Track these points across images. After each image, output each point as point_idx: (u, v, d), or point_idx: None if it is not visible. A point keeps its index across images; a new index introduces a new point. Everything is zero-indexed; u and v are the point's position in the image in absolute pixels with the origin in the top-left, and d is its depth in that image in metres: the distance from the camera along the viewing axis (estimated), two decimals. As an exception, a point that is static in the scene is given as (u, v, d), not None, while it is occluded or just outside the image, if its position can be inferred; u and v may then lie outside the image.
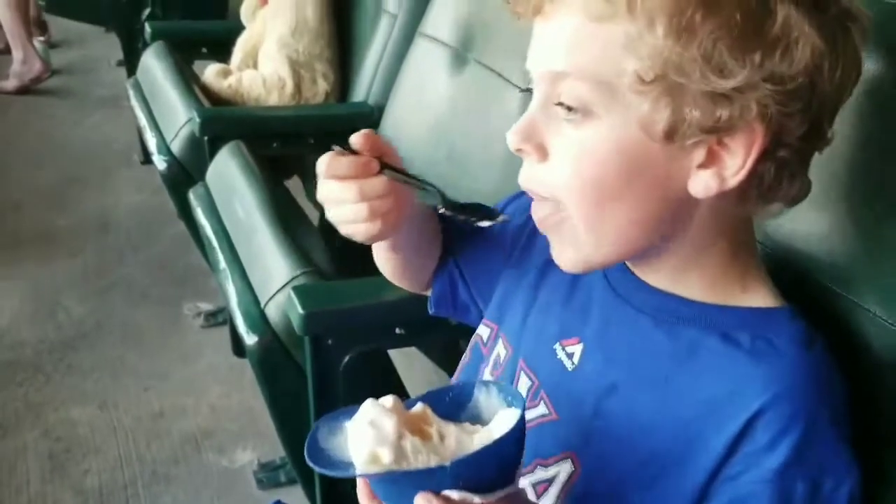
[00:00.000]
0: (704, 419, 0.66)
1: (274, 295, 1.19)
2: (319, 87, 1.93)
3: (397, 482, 0.60)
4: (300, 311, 1.05)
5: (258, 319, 1.20)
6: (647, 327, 0.71)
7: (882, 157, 0.71)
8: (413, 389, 1.38)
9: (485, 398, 0.66)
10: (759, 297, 0.70)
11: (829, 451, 0.63)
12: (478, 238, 0.90)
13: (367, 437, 0.60)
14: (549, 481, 0.72)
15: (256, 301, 1.23)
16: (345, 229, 0.77)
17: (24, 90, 3.60)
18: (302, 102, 1.93)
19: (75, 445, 1.78)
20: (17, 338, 2.10)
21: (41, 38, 3.92)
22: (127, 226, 2.67)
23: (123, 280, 2.38)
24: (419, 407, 0.64)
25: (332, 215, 0.77)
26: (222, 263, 1.36)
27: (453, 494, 0.59)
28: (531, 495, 0.72)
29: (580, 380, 0.74)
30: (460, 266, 0.92)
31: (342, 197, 0.74)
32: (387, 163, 0.73)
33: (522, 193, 0.75)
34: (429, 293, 0.95)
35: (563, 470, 0.71)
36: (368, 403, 0.62)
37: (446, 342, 1.35)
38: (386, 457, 0.59)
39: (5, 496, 1.65)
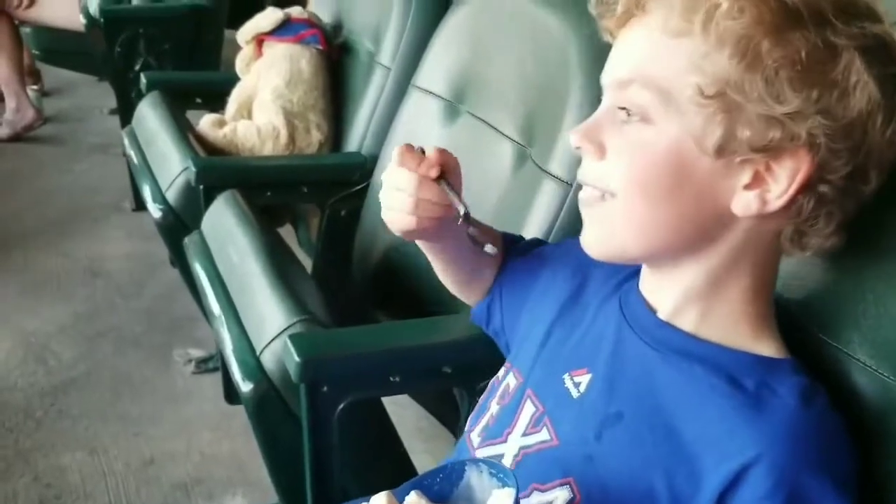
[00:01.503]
0: (705, 453, 0.68)
1: (270, 342, 1.21)
2: (313, 138, 1.97)
3: None
4: (297, 358, 1.07)
5: (253, 367, 1.21)
6: (655, 362, 0.74)
7: (874, 212, 0.73)
8: (403, 436, 1.39)
9: (477, 478, 0.68)
10: (767, 347, 0.73)
11: (827, 499, 0.65)
12: (525, 276, 0.95)
13: None
14: None
15: (252, 348, 1.24)
16: (386, 214, 0.87)
17: (16, 138, 3.61)
18: (296, 152, 1.96)
19: (66, 492, 1.77)
20: (6, 383, 2.10)
21: (34, 87, 3.95)
22: (117, 272, 2.67)
23: (113, 326, 2.38)
24: (414, 498, 0.65)
25: (383, 197, 0.86)
26: (217, 310, 1.37)
27: None
28: None
29: (584, 406, 0.76)
30: (502, 295, 0.97)
31: (402, 184, 0.83)
32: (446, 177, 0.83)
33: (566, 242, 0.84)
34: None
35: (560, 496, 0.73)
36: None
37: (440, 390, 1.37)
38: None
39: (-5, 544, 1.64)
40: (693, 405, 0.70)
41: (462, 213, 0.83)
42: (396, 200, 0.84)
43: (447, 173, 0.84)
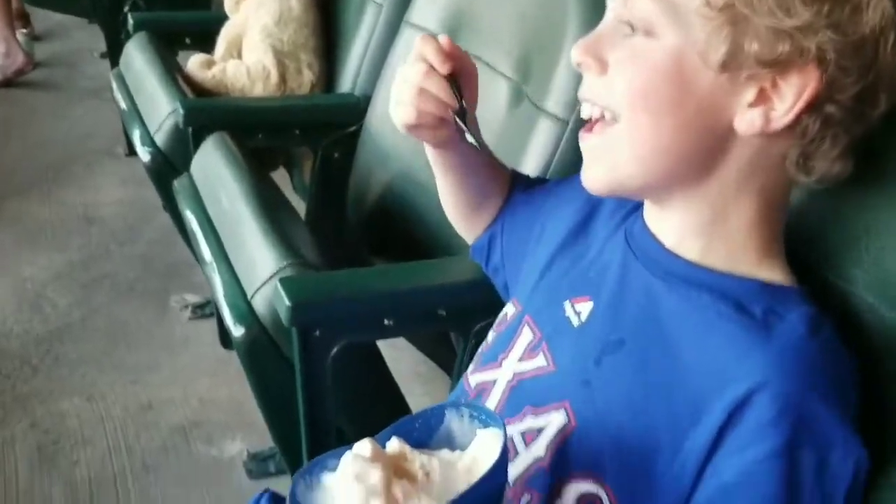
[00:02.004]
0: (709, 381, 0.67)
1: (260, 287, 1.19)
2: (305, 78, 1.92)
3: None
4: (287, 302, 1.05)
5: (245, 311, 1.20)
6: (660, 291, 0.73)
7: (881, 147, 0.72)
8: (401, 379, 1.38)
9: (457, 422, 0.67)
10: (775, 273, 0.72)
11: (834, 428, 0.64)
12: (529, 210, 0.94)
13: (355, 492, 0.59)
14: (539, 430, 0.73)
15: (243, 293, 1.23)
16: (392, 108, 0.85)
17: (6, 83, 3.56)
18: (287, 93, 1.92)
19: (64, 437, 1.77)
20: (2, 330, 2.09)
21: (24, 31, 3.87)
22: (112, 219, 2.65)
23: (109, 273, 2.36)
24: (396, 444, 0.64)
25: (393, 90, 0.85)
26: (208, 255, 1.35)
27: None
28: (519, 444, 0.73)
29: (585, 334, 0.75)
30: (504, 230, 0.96)
31: (409, 76, 0.82)
32: (455, 78, 0.82)
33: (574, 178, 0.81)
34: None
35: (554, 420, 0.73)
36: (349, 458, 0.62)
37: (436, 333, 1.35)
38: None
39: (-6, 489, 1.64)
40: (699, 333, 0.69)
41: (456, 107, 0.82)
42: (402, 93, 0.83)
43: (460, 75, 0.82)
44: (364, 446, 0.62)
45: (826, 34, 0.63)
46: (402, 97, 0.83)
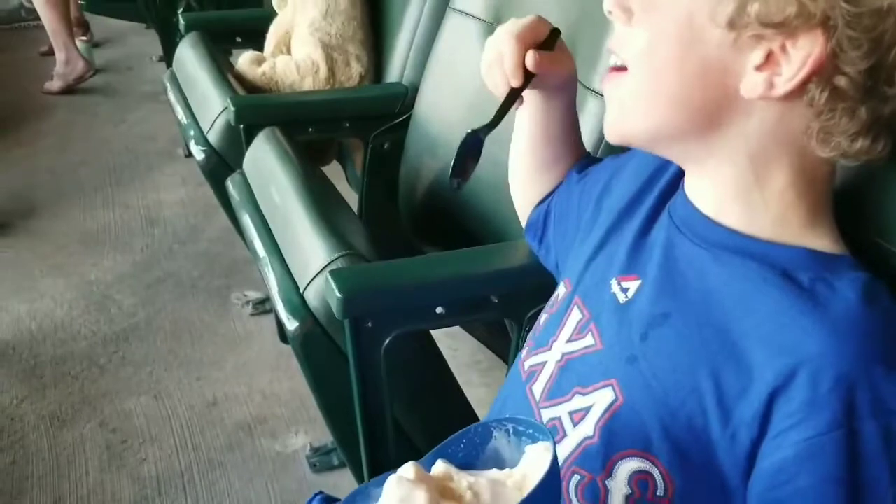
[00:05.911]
0: (756, 349, 0.65)
1: (312, 280, 1.19)
2: (353, 70, 1.92)
3: None
4: (338, 294, 1.05)
5: (298, 305, 1.20)
6: (706, 261, 0.71)
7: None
8: (459, 369, 1.37)
9: (504, 439, 0.65)
10: (824, 242, 0.70)
11: None
12: (581, 189, 0.95)
13: None
14: (587, 409, 0.72)
15: (296, 287, 1.23)
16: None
17: (68, 90, 3.65)
18: (336, 86, 1.92)
19: (132, 435, 1.81)
20: (70, 332, 2.14)
21: (83, 38, 3.97)
22: (173, 219, 2.70)
23: (172, 272, 2.41)
24: (441, 467, 0.62)
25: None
26: (261, 251, 1.36)
27: None
28: (567, 424, 0.73)
29: (631, 310, 0.74)
30: (556, 209, 0.97)
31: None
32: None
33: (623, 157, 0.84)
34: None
35: (601, 397, 0.72)
36: (393, 481, 0.60)
37: (490, 320, 1.33)
38: None
39: (65, 488, 1.68)
40: (746, 301, 0.68)
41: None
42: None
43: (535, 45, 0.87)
44: (407, 469, 0.60)
45: (834, 0, 0.61)
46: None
